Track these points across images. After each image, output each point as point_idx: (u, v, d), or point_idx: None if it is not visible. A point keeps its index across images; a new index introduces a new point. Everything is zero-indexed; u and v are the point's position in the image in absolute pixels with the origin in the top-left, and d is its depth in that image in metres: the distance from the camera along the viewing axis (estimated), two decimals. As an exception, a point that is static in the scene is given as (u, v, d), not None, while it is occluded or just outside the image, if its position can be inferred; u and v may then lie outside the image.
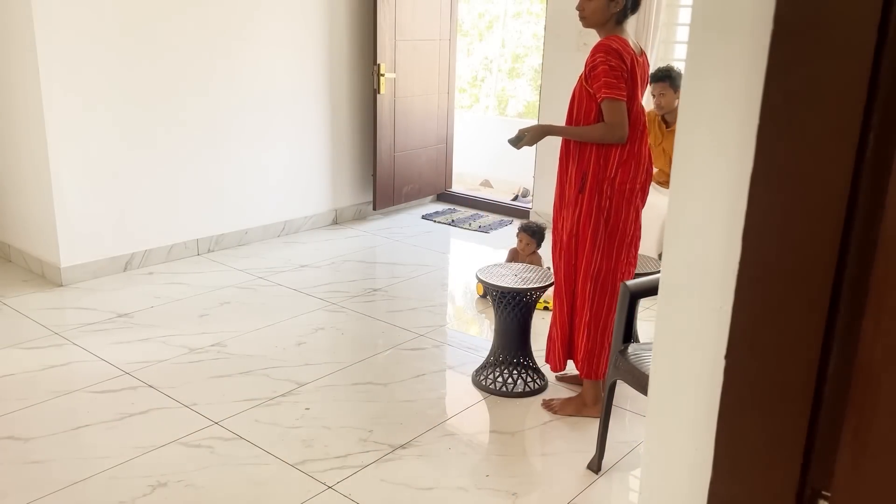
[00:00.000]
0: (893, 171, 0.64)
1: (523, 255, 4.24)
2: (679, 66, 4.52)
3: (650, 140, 4.39)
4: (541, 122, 2.73)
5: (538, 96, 5.42)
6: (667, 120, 4.37)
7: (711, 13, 0.85)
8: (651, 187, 4.41)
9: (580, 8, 2.64)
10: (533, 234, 4.21)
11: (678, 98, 4.19)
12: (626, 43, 2.60)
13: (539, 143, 2.86)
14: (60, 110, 3.84)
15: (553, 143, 5.33)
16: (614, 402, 2.49)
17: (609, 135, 2.61)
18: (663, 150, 4.35)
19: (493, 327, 3.80)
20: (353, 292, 4.09)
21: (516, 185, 6.84)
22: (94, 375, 3.06)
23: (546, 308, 3.90)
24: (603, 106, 2.59)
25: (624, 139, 2.62)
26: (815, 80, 0.71)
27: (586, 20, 2.64)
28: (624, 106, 2.58)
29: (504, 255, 4.65)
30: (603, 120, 2.62)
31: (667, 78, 4.19)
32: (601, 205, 2.68)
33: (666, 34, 4.79)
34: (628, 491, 2.46)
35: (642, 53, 2.72)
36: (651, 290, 2.40)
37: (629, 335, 2.41)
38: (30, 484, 2.35)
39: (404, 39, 5.39)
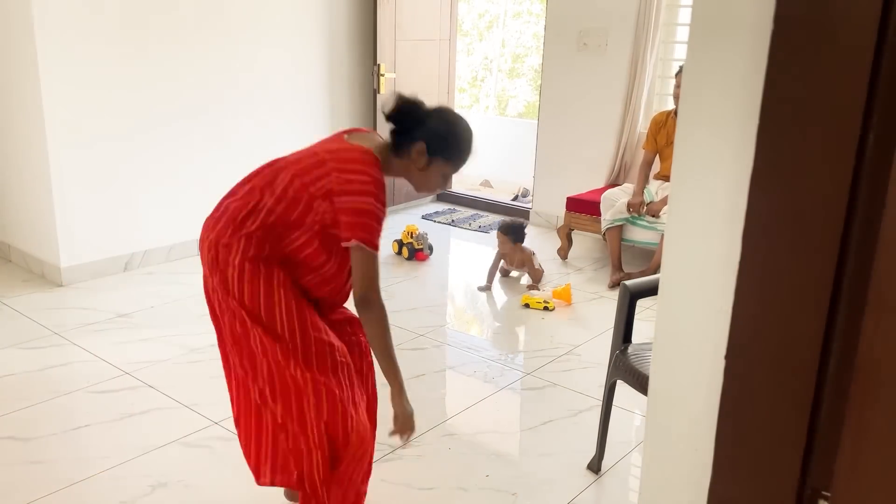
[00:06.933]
0: (893, 171, 0.64)
1: (510, 254, 4.26)
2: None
3: (662, 141, 4.29)
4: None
5: (538, 96, 5.42)
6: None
7: (711, 13, 0.85)
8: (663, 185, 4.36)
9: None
10: (507, 231, 4.22)
11: None
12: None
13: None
14: (61, 110, 3.84)
15: (553, 141, 5.33)
16: (614, 402, 2.49)
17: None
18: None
19: (492, 326, 3.80)
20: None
21: (516, 185, 6.85)
22: (94, 375, 3.06)
23: (546, 308, 3.90)
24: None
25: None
26: (815, 80, 0.71)
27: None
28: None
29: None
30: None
31: None
32: None
33: (666, 34, 4.78)
34: (628, 491, 2.46)
35: None
36: (651, 290, 2.40)
37: (629, 335, 2.41)
38: (30, 484, 2.35)
39: (404, 39, 5.39)
